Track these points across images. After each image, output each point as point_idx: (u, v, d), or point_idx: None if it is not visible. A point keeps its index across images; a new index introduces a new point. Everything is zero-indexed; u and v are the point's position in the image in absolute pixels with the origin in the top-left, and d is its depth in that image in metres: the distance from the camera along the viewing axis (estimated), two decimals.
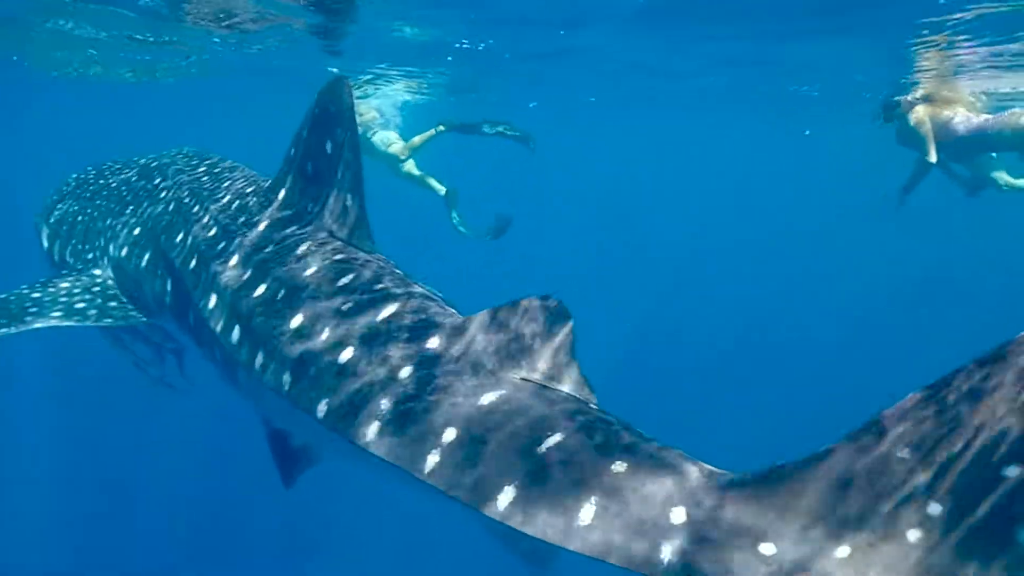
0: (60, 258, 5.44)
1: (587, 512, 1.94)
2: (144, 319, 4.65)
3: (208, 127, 22.26)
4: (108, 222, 5.07)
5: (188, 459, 11.91)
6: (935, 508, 1.61)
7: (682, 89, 14.93)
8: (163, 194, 4.73)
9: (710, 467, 2.00)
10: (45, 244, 5.77)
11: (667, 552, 1.81)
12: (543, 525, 1.97)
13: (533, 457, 2.08)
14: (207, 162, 5.06)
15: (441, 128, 11.40)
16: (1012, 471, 1.53)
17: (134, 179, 5.40)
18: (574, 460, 2.04)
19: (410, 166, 11.88)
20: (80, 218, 5.46)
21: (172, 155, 5.53)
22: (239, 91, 16.09)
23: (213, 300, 3.40)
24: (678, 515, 1.87)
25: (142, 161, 5.75)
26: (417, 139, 11.71)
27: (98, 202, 5.46)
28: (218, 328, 3.28)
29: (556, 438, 2.11)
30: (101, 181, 5.81)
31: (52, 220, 5.77)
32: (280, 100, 13.70)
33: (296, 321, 2.87)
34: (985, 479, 1.57)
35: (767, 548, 1.73)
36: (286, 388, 2.73)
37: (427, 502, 2.36)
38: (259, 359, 2.91)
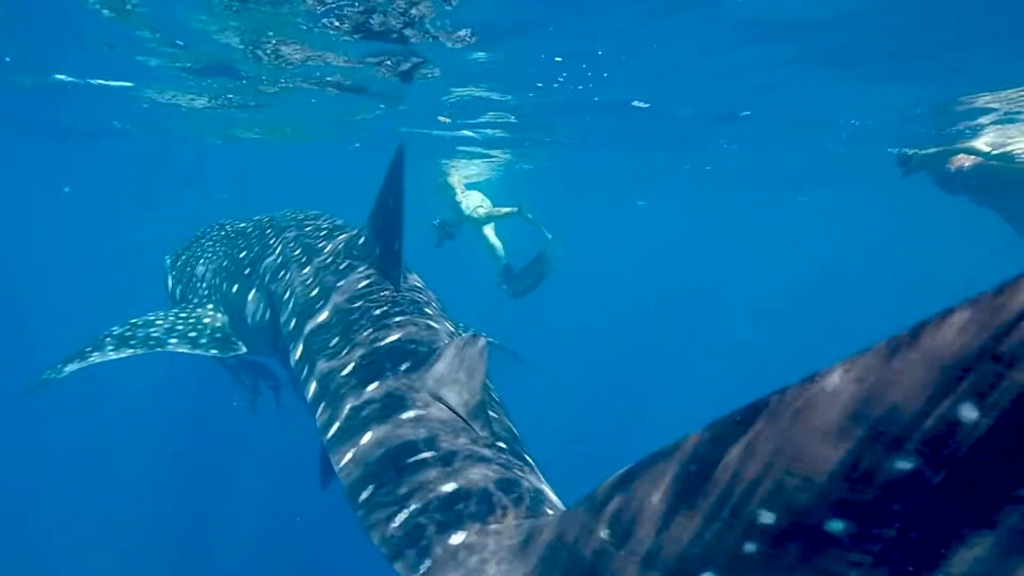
0: (181, 295, 6.25)
1: (398, 517, 2.28)
2: (245, 351, 5.29)
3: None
4: (223, 263, 5.83)
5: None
6: None
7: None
8: (270, 241, 5.40)
9: (513, 510, 2.22)
10: (169, 283, 6.66)
11: (426, 566, 2.10)
12: (356, 503, 2.40)
13: (399, 467, 2.48)
14: (310, 217, 5.73)
15: (516, 210, 12.21)
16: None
17: (248, 230, 6.24)
18: (420, 471, 2.42)
19: (488, 231, 12.68)
20: (200, 261, 6.30)
21: (283, 214, 6.28)
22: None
23: (292, 325, 3.95)
24: (457, 537, 2.14)
25: (256, 217, 6.62)
26: (497, 210, 12.56)
27: (217, 247, 6.31)
28: (288, 349, 3.83)
29: (425, 455, 2.48)
30: (221, 232, 6.72)
31: (178, 263, 6.68)
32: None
33: (323, 335, 3.47)
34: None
35: None
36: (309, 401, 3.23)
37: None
38: (308, 382, 3.37)
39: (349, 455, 2.65)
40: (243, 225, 6.61)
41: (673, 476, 1.45)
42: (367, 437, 2.68)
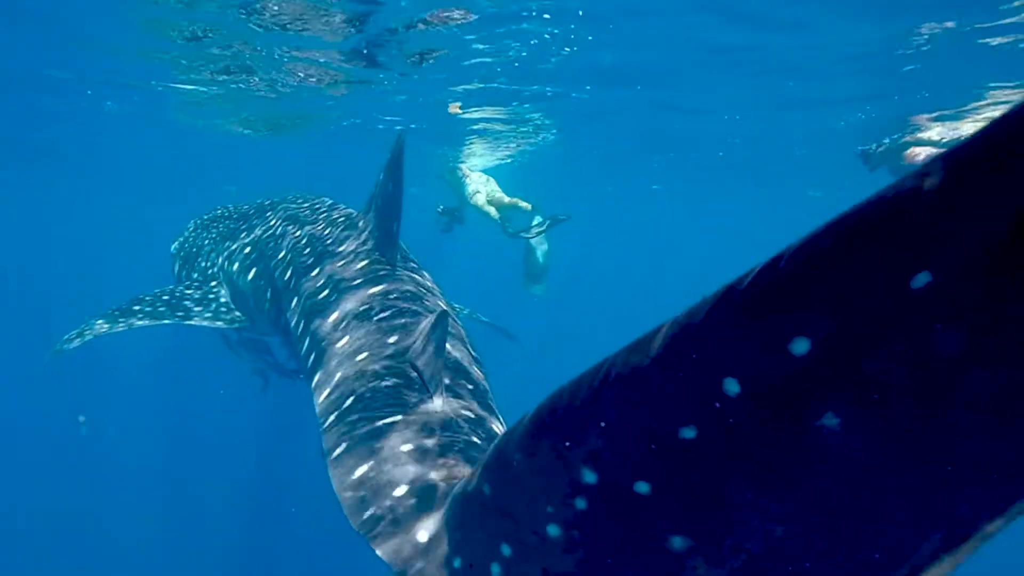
0: (187, 275, 6.37)
1: (357, 471, 2.52)
2: (248, 325, 5.41)
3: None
4: (227, 243, 5.95)
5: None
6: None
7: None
8: (272, 222, 5.51)
9: (461, 467, 2.39)
10: (176, 267, 6.77)
11: (369, 512, 2.31)
12: (329, 459, 2.65)
13: (371, 430, 2.70)
14: (310, 200, 5.83)
15: (529, 207, 11.77)
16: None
17: (251, 212, 6.35)
18: (387, 433, 2.65)
19: (489, 207, 12.13)
20: (205, 242, 6.41)
21: (284, 197, 6.37)
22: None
23: (293, 302, 4.09)
24: (400, 490, 2.36)
25: (258, 200, 6.72)
26: (500, 199, 12.12)
27: (220, 228, 6.43)
28: (289, 325, 3.97)
29: (394, 419, 2.71)
30: (224, 214, 6.83)
31: (184, 244, 6.79)
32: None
33: (321, 311, 3.69)
34: None
35: (422, 535, 2.15)
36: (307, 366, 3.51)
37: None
38: (306, 354, 3.60)
39: (331, 418, 2.90)
40: (246, 207, 6.71)
41: (528, 436, 1.58)
42: (348, 403, 2.92)
